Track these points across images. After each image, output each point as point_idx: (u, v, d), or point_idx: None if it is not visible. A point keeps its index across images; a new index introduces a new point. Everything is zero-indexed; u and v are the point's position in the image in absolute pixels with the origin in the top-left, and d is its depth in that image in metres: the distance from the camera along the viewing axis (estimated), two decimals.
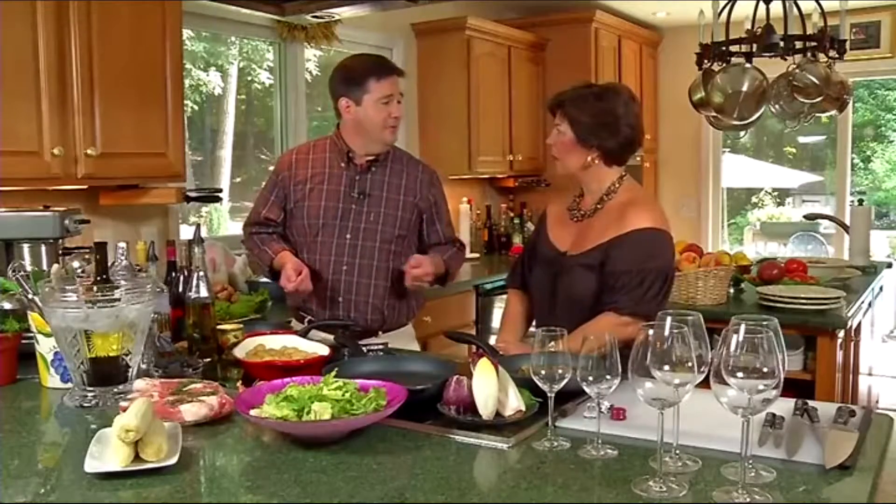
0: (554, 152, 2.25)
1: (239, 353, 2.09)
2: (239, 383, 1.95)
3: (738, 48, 3.79)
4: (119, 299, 1.79)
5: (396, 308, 2.62)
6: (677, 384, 1.31)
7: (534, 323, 2.38)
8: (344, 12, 3.92)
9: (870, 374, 4.25)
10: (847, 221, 4.65)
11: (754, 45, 3.74)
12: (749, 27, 3.79)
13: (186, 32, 3.55)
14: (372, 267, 2.55)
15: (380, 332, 2.59)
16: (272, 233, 2.67)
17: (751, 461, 1.35)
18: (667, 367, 1.30)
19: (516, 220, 5.69)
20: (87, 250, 2.42)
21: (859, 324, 3.64)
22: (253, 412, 1.54)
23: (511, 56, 5.26)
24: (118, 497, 1.32)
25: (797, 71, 3.78)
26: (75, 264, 2.28)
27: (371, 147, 2.56)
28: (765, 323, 1.27)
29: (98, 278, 1.85)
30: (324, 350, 2.12)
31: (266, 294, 3.27)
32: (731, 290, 3.53)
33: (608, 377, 1.43)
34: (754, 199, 9.55)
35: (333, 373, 1.67)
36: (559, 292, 2.21)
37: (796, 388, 2.55)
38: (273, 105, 4.36)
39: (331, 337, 2.29)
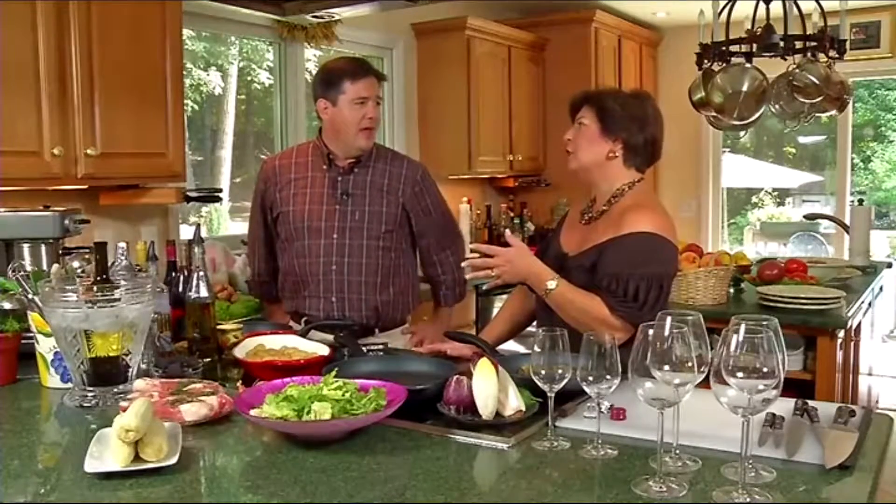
0: (569, 147, 2.19)
1: (239, 353, 2.09)
2: (239, 383, 1.95)
3: (738, 48, 3.79)
4: (119, 299, 1.79)
5: (390, 304, 2.62)
6: (677, 384, 1.31)
7: (534, 323, 2.38)
8: (344, 12, 3.92)
9: (870, 374, 4.25)
10: (847, 221, 4.65)
11: (754, 45, 3.74)
12: (749, 27, 3.79)
13: (186, 32, 3.55)
14: (361, 265, 2.55)
15: (376, 331, 2.59)
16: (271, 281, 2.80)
17: (751, 461, 1.35)
18: (667, 367, 1.30)
19: (516, 220, 5.69)
20: (87, 250, 2.42)
21: (859, 324, 3.64)
22: (253, 412, 1.54)
23: (511, 56, 5.26)
24: (118, 497, 1.32)
25: (797, 71, 3.78)
26: (75, 264, 2.28)
27: (349, 151, 2.57)
28: (765, 323, 1.27)
29: (98, 278, 1.85)
30: (324, 350, 2.12)
31: None
32: (731, 290, 3.53)
33: (608, 377, 1.43)
34: (754, 199, 9.54)
35: (333, 373, 1.68)
36: None
37: (796, 388, 2.55)
38: (273, 105, 4.36)
39: (331, 337, 2.29)
